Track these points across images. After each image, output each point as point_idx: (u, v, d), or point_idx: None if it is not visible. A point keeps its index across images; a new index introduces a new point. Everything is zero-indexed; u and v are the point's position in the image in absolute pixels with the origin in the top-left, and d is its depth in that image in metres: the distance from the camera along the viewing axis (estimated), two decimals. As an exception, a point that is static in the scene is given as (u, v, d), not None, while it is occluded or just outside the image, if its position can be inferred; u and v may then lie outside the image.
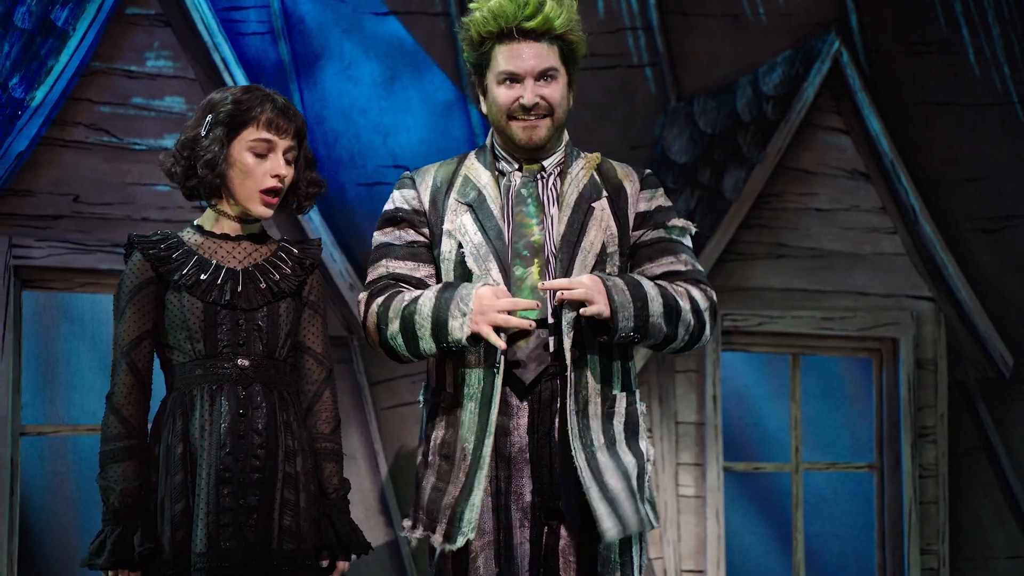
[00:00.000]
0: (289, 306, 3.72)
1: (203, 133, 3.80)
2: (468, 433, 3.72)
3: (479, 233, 3.83)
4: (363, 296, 3.72)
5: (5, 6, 6.36)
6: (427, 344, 3.70)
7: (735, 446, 6.70)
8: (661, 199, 3.99)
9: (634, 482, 3.76)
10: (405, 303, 3.65)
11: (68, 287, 5.93)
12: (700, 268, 3.85)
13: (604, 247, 3.79)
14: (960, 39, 6.66)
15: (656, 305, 3.75)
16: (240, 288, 3.70)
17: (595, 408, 3.79)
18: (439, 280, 3.66)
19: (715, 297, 3.75)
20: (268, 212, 3.71)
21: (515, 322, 3.58)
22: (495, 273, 3.73)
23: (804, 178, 7.06)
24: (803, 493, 6.63)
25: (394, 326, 3.73)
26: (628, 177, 3.98)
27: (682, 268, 3.88)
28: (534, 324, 3.55)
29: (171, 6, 6.26)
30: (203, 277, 3.70)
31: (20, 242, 6.24)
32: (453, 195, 3.90)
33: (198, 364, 3.69)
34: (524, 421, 3.75)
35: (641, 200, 3.98)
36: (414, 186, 3.95)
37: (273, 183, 3.77)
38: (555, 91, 3.84)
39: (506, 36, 3.85)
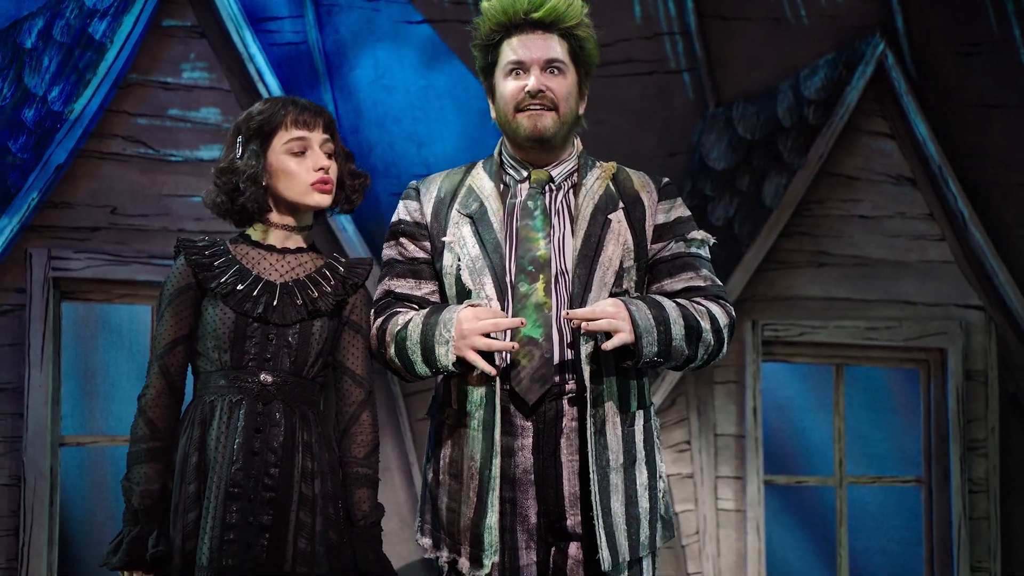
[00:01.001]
0: (325, 325, 3.65)
1: (238, 154, 3.76)
2: (475, 452, 3.59)
3: (477, 246, 3.68)
4: (376, 315, 3.66)
5: (45, 20, 6.54)
6: (422, 369, 3.55)
7: (776, 459, 6.53)
8: (680, 210, 3.81)
9: (644, 502, 3.60)
10: (398, 328, 3.57)
11: (106, 298, 5.98)
12: (720, 283, 3.72)
13: (621, 262, 3.65)
14: (1012, 39, 6.42)
15: (678, 328, 3.58)
16: (275, 302, 3.64)
17: (614, 427, 3.63)
18: (443, 295, 3.61)
19: (734, 313, 3.66)
20: (326, 199, 3.68)
21: (497, 345, 3.43)
22: (489, 289, 3.60)
23: (847, 184, 6.77)
24: (847, 508, 6.44)
25: (391, 351, 3.59)
26: (645, 187, 3.81)
27: (702, 284, 3.70)
28: (516, 346, 3.48)
29: (207, 17, 6.39)
30: (239, 287, 3.66)
31: (59, 254, 6.25)
32: (456, 206, 3.77)
33: (222, 375, 3.63)
34: (529, 441, 3.60)
35: (659, 212, 3.80)
36: (418, 197, 3.81)
37: (319, 175, 3.70)
38: (561, 85, 3.68)
39: (515, 28, 3.73)
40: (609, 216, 3.61)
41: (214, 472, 3.46)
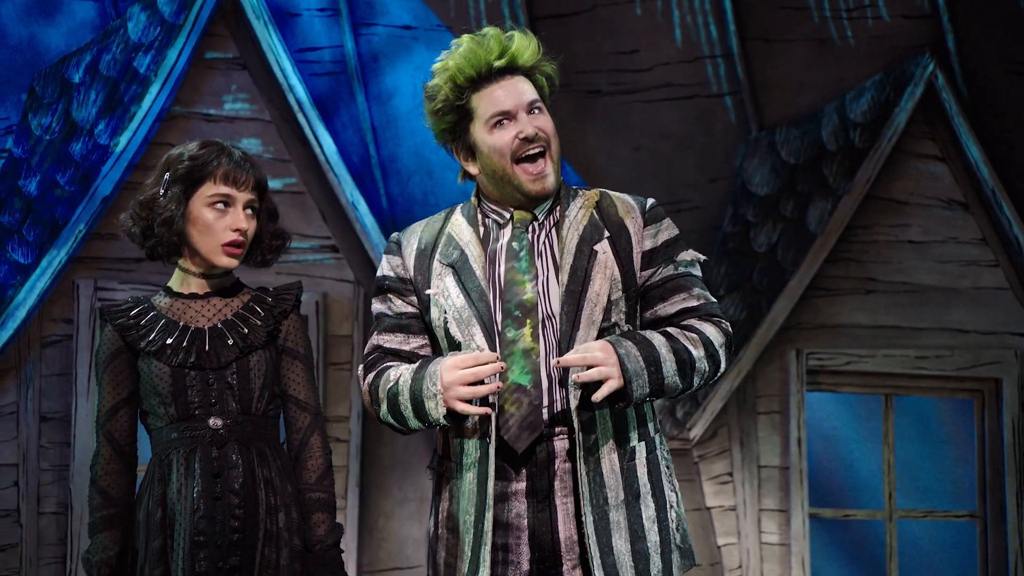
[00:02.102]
0: (261, 357, 3.50)
1: (161, 192, 3.51)
2: (469, 505, 3.37)
3: (461, 296, 3.41)
4: (360, 370, 3.48)
5: (92, 55, 6.39)
6: (415, 424, 3.38)
7: (823, 491, 6.24)
8: (667, 232, 3.50)
9: (653, 536, 3.36)
10: (389, 384, 3.38)
11: (152, 328, 5.67)
12: (713, 299, 3.45)
13: (609, 295, 3.38)
14: (1068, 57, 5.68)
15: (669, 365, 3.32)
16: (207, 347, 3.48)
17: (611, 464, 3.38)
18: (434, 348, 3.42)
19: (730, 328, 3.40)
20: (233, 263, 3.49)
21: (482, 390, 3.24)
22: (479, 339, 3.36)
23: (896, 209, 6.35)
24: (898, 543, 6.09)
25: (383, 408, 3.39)
26: (630, 213, 3.49)
27: (695, 303, 3.42)
28: (501, 386, 3.27)
29: (248, 49, 6.31)
30: (169, 341, 3.47)
31: (105, 284, 6.13)
32: (436, 256, 3.47)
33: (172, 428, 3.46)
34: (523, 486, 3.36)
35: (646, 237, 3.48)
36: (399, 252, 3.52)
37: (234, 236, 3.49)
38: (546, 123, 3.43)
39: (482, 81, 3.42)
40: (595, 247, 3.42)
41: (179, 524, 3.40)
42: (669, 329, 3.31)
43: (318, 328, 6.10)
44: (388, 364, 3.38)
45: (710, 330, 3.35)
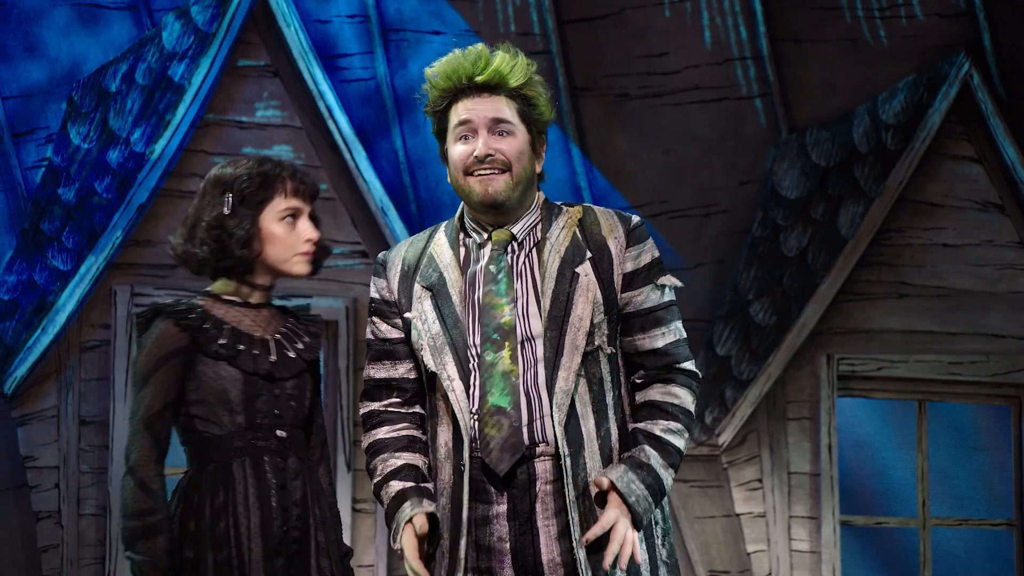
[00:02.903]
0: (308, 376, 3.57)
1: (227, 212, 3.48)
2: (443, 530, 3.33)
3: (437, 322, 3.37)
4: (360, 403, 3.49)
5: (128, 64, 6.25)
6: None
7: (854, 498, 6.01)
8: (649, 254, 3.41)
9: (642, 554, 3.30)
10: (376, 478, 3.42)
11: (188, 332, 6.52)
12: (684, 335, 3.41)
13: (592, 318, 3.33)
14: (1109, 54, 6.06)
15: (666, 477, 3.33)
16: (274, 357, 3.49)
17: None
18: (424, 372, 3.38)
19: (698, 374, 3.38)
20: (309, 269, 3.55)
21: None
22: (451, 369, 3.33)
23: (929, 211, 6.01)
24: (932, 551, 5.85)
25: (373, 486, 3.43)
26: (612, 232, 3.41)
27: (671, 341, 3.37)
28: None
29: (280, 56, 6.17)
30: (241, 347, 3.45)
31: (141, 290, 6.00)
32: (417, 277, 3.41)
33: (237, 436, 3.43)
34: (504, 508, 3.31)
35: (628, 259, 3.39)
36: (384, 273, 3.46)
37: (308, 247, 3.55)
38: (511, 145, 3.34)
39: (461, 93, 3.38)
40: (576, 270, 3.37)
41: (249, 534, 3.41)
42: (656, 431, 3.31)
43: (348, 333, 6.19)
44: (379, 442, 3.41)
45: (684, 398, 3.36)
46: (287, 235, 3.48)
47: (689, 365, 3.35)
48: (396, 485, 3.33)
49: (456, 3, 6.24)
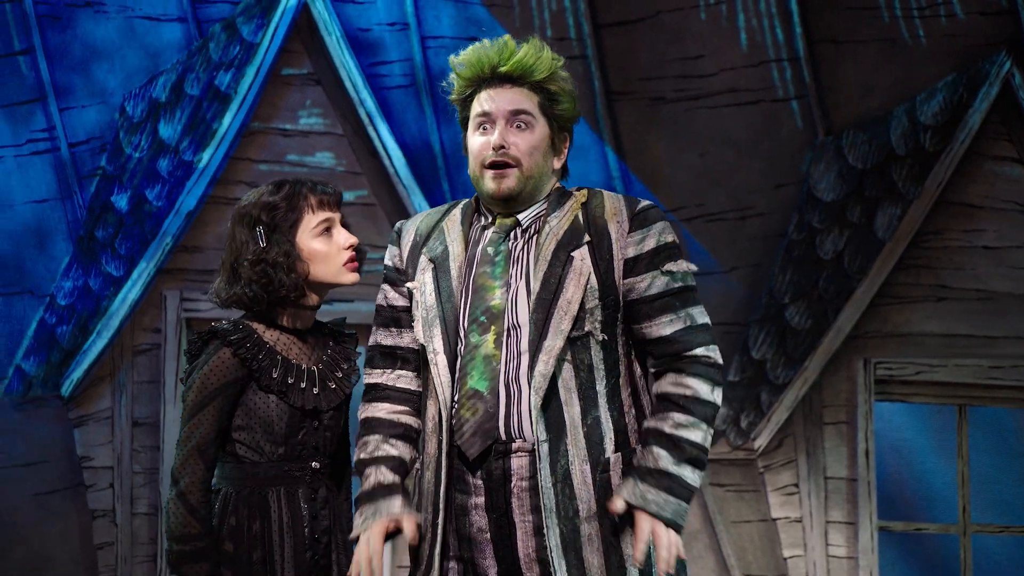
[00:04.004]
0: (344, 405, 3.52)
1: (263, 244, 3.35)
2: (428, 503, 3.23)
3: (433, 295, 3.23)
4: (363, 369, 3.36)
5: (177, 74, 6.17)
6: None
7: (893, 504, 5.75)
8: (655, 238, 3.18)
9: (628, 548, 3.11)
10: (365, 454, 3.24)
11: (234, 335, 7.82)
12: (701, 321, 3.16)
13: (583, 303, 3.16)
14: None
15: (688, 473, 3.07)
16: (316, 390, 3.40)
17: (582, 476, 3.13)
18: (415, 338, 3.31)
19: (717, 358, 3.17)
20: (357, 276, 3.47)
21: None
22: (437, 342, 3.20)
23: (969, 213, 5.66)
24: (973, 558, 5.55)
25: (358, 460, 3.26)
26: (616, 216, 3.19)
27: (681, 328, 3.14)
28: None
29: (321, 64, 6.09)
30: (290, 380, 3.38)
31: (190, 296, 5.95)
32: (425, 249, 3.30)
33: (274, 466, 3.38)
34: (481, 500, 3.19)
35: (630, 244, 3.17)
36: (398, 241, 3.40)
37: (350, 253, 3.46)
38: (526, 139, 3.22)
39: (484, 83, 3.25)
40: (572, 253, 3.14)
41: (283, 562, 3.32)
42: (666, 428, 3.18)
43: (388, 336, 5.75)
44: (376, 420, 3.31)
45: (698, 387, 3.17)
46: (327, 248, 3.45)
47: (704, 351, 3.21)
48: (389, 476, 3.33)
49: (493, 9, 6.03)
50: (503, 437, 3.18)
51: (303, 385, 3.39)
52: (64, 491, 5.86)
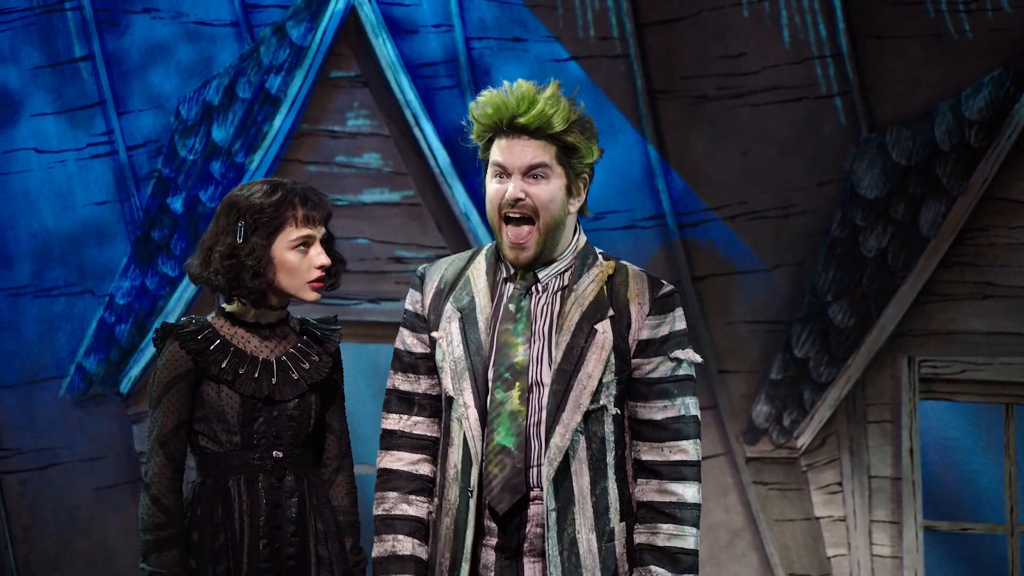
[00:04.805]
0: (318, 393, 3.51)
1: (239, 241, 3.38)
2: (445, 549, 3.27)
3: (461, 346, 3.23)
4: (382, 413, 3.31)
5: (230, 77, 6.17)
6: None
7: (939, 503, 5.62)
8: (670, 325, 3.24)
9: None
10: (381, 511, 3.24)
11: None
12: (693, 413, 3.24)
13: (601, 378, 3.19)
14: None
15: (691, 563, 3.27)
16: (275, 380, 3.45)
17: (587, 545, 3.18)
18: (443, 392, 3.30)
19: (698, 455, 3.20)
20: (317, 296, 3.48)
21: None
22: (467, 396, 3.22)
23: (1016, 209, 5.49)
24: (1020, 558, 5.34)
25: (376, 515, 3.29)
26: (639, 297, 3.24)
27: (672, 417, 3.19)
28: None
29: (369, 67, 6.08)
30: (241, 371, 3.43)
31: None
32: (451, 298, 3.31)
33: (233, 455, 3.43)
34: (494, 541, 3.25)
35: (646, 327, 3.22)
36: (420, 287, 3.37)
37: (319, 274, 3.45)
38: (543, 190, 3.21)
39: (503, 131, 3.20)
40: (595, 326, 3.16)
41: (242, 550, 3.36)
42: (658, 543, 3.23)
43: (434, 334, 5.71)
44: (390, 488, 3.30)
45: (683, 493, 3.25)
46: (299, 263, 3.45)
47: (687, 446, 3.30)
48: (406, 544, 3.34)
49: (537, 9, 5.95)
50: (527, 489, 3.22)
51: (256, 374, 3.44)
52: (123, 485, 5.90)
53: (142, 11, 6.01)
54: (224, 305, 3.61)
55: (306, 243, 3.45)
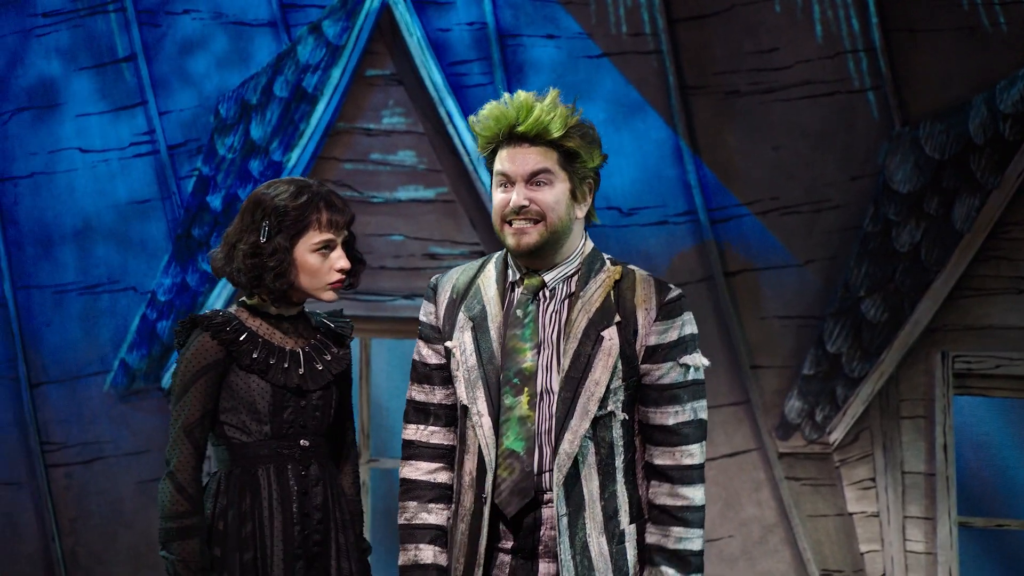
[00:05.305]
0: (338, 386, 3.59)
1: (263, 240, 3.43)
2: (460, 554, 3.31)
3: (474, 355, 3.26)
4: (403, 426, 3.39)
5: (267, 77, 6.19)
6: None
7: (974, 500, 5.48)
8: (678, 330, 3.24)
9: None
10: (404, 520, 3.31)
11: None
12: (701, 417, 3.26)
13: (608, 384, 3.20)
14: None
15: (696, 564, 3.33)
16: (302, 371, 3.49)
17: (599, 548, 3.20)
18: (458, 398, 3.34)
19: (701, 458, 3.23)
20: (336, 296, 3.55)
21: None
22: (481, 404, 3.24)
23: None
24: None
25: (399, 524, 3.35)
26: (645, 303, 3.25)
27: (682, 422, 3.20)
28: None
29: (404, 65, 6.08)
30: (272, 362, 3.45)
31: None
32: (463, 307, 3.33)
33: (263, 445, 3.45)
34: (509, 544, 3.28)
35: (653, 333, 3.22)
36: (433, 298, 3.41)
37: (339, 277, 3.52)
38: (547, 195, 3.23)
39: (504, 141, 3.24)
40: (602, 333, 3.17)
41: (272, 538, 3.41)
42: (669, 545, 3.28)
43: (467, 330, 5.75)
44: (412, 484, 3.39)
45: (692, 496, 3.31)
46: (320, 265, 3.52)
47: (695, 450, 3.36)
48: (427, 553, 3.41)
49: (570, 6, 5.90)
50: (537, 493, 3.27)
51: (285, 365, 3.50)
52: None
53: (183, 12, 6.06)
54: (245, 299, 3.67)
55: (328, 246, 3.51)
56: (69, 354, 6.04)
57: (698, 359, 3.23)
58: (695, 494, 3.27)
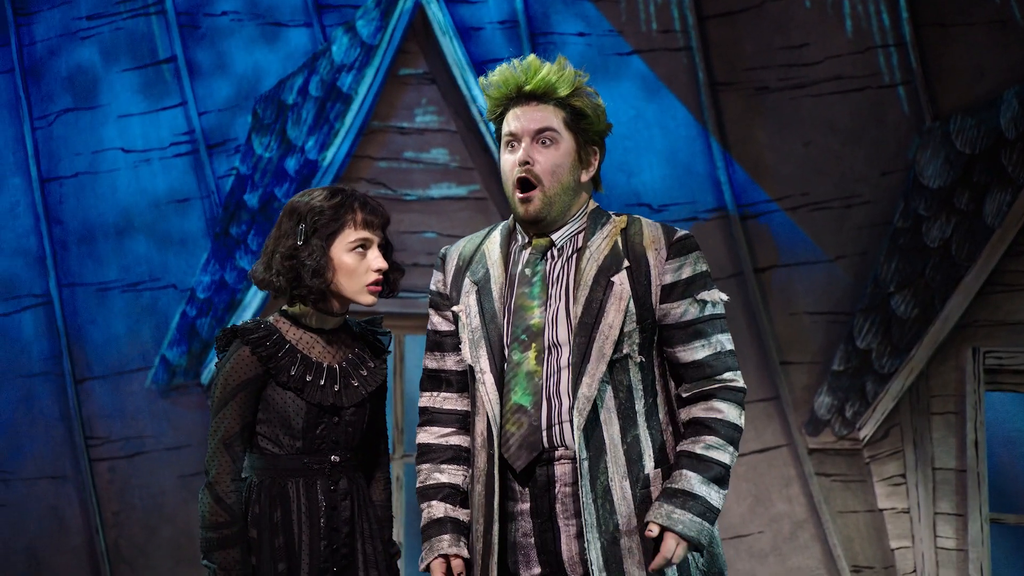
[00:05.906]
0: (372, 401, 3.59)
1: (300, 242, 3.42)
2: (479, 515, 3.33)
3: (478, 317, 3.28)
4: (420, 394, 3.44)
5: (304, 77, 6.19)
6: None
7: (1006, 496, 5.37)
8: (690, 267, 3.23)
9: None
10: (419, 483, 3.37)
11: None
12: (729, 348, 3.26)
13: (622, 327, 3.19)
14: None
15: (714, 494, 3.15)
16: (337, 387, 3.49)
17: (622, 492, 3.18)
18: (465, 360, 3.41)
19: (743, 383, 3.24)
20: (375, 300, 3.52)
21: None
22: (483, 362, 3.26)
23: None
24: None
25: (417, 487, 3.40)
26: (654, 244, 3.24)
27: (710, 353, 3.22)
28: None
29: (436, 64, 6.08)
30: (308, 378, 3.46)
31: None
32: (468, 273, 3.36)
33: (293, 459, 3.47)
34: (527, 506, 3.27)
35: (667, 271, 3.22)
36: (442, 267, 3.45)
37: (377, 276, 3.51)
38: (550, 156, 3.24)
39: (511, 102, 3.28)
40: (612, 278, 3.16)
41: (301, 550, 3.43)
42: (696, 450, 3.28)
43: (499, 326, 5.79)
44: (430, 458, 3.44)
45: (727, 412, 3.26)
46: (356, 265, 3.53)
47: (732, 376, 3.35)
48: (439, 508, 3.47)
49: (600, 4, 5.82)
50: (546, 446, 3.31)
51: (322, 382, 3.51)
52: (201, 474, 6.38)
53: (221, 13, 6.09)
54: (286, 308, 3.65)
55: (364, 246, 3.53)
56: (112, 350, 6.08)
57: (716, 294, 3.22)
58: (731, 411, 3.23)
